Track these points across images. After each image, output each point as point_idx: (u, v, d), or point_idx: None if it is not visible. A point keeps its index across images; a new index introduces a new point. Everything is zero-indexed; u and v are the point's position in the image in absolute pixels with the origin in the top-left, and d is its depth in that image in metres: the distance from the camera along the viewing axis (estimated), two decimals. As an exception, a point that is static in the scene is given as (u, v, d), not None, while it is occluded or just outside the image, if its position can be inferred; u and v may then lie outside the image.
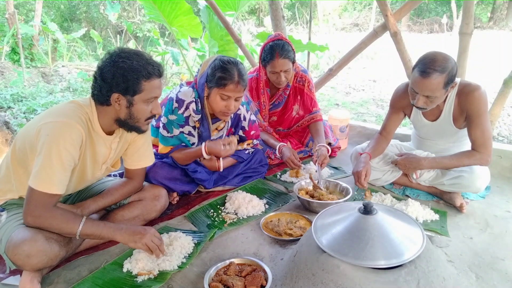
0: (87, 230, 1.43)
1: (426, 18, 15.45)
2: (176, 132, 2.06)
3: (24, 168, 1.50)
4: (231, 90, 1.90)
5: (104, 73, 1.44)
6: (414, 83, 1.81)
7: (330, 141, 2.80)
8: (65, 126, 1.40)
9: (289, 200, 2.16)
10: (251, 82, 2.62)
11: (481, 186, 1.98)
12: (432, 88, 1.75)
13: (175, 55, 6.31)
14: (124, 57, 1.44)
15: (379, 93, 5.96)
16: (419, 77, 1.77)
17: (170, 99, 2.06)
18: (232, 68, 1.89)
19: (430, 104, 1.85)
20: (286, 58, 2.31)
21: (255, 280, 1.37)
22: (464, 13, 2.85)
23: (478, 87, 1.86)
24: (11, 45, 7.48)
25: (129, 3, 12.65)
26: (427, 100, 1.82)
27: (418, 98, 1.82)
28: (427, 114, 2.09)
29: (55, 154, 1.37)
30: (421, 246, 1.21)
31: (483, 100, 1.85)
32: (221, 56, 2.00)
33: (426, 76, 1.74)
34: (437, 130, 2.10)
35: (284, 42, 2.33)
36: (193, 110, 2.04)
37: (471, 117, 1.89)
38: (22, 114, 4.50)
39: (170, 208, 2.06)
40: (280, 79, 2.39)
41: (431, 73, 1.72)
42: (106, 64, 1.45)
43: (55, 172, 1.38)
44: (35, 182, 1.36)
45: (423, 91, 1.78)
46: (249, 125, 2.32)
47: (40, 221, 1.39)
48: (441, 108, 2.01)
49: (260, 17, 15.33)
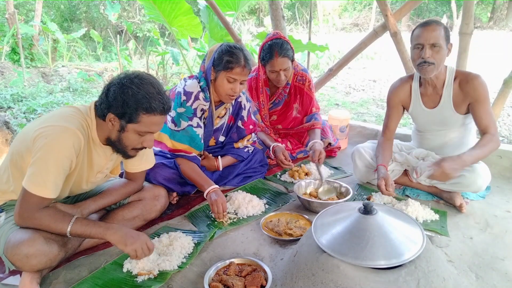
0: (77, 230, 1.40)
1: (426, 18, 15.42)
2: (185, 124, 2.06)
3: (20, 171, 1.49)
4: (237, 73, 1.95)
5: (109, 91, 1.43)
6: (418, 36, 1.91)
7: (330, 141, 2.80)
8: (65, 132, 1.39)
9: (289, 200, 2.16)
10: (250, 82, 2.62)
11: (482, 185, 1.98)
12: (435, 34, 1.85)
13: (175, 55, 6.31)
14: (135, 83, 1.41)
15: (379, 93, 5.95)
16: (421, 29, 1.89)
17: (178, 93, 2.07)
18: (238, 53, 1.96)
19: (437, 56, 1.88)
20: (285, 56, 2.32)
21: (255, 280, 1.37)
22: (464, 13, 2.85)
23: (478, 75, 1.96)
24: (11, 45, 7.48)
25: (129, 3, 12.66)
26: (433, 51, 1.88)
27: (425, 50, 1.88)
28: (426, 101, 2.10)
29: (52, 158, 1.36)
30: (421, 246, 1.21)
31: (485, 86, 1.94)
32: (227, 42, 2.06)
33: (428, 25, 1.88)
34: (437, 118, 2.10)
35: (283, 40, 2.33)
36: (203, 98, 2.06)
37: (478, 102, 1.93)
38: (22, 114, 4.50)
39: (170, 208, 2.06)
40: (280, 78, 2.39)
41: (431, 23, 1.89)
42: (115, 83, 1.43)
43: (50, 176, 1.36)
44: (29, 184, 1.35)
45: (428, 40, 1.86)
46: (248, 116, 2.33)
47: (29, 222, 1.38)
48: (440, 94, 2.03)
49: (260, 17, 15.32)
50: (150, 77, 1.47)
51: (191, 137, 2.07)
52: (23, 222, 1.39)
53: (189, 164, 2.08)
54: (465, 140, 2.13)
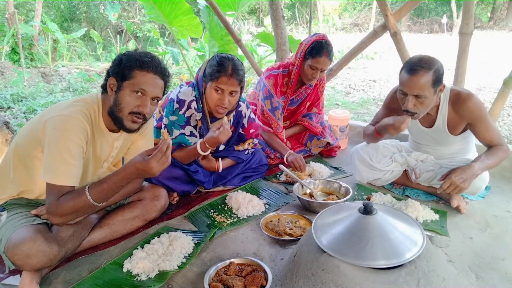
0: (96, 193, 1.42)
1: (426, 18, 15.46)
2: (177, 133, 2.06)
3: (24, 164, 1.51)
4: (223, 82, 1.93)
5: (112, 62, 1.54)
6: (402, 83, 1.81)
7: (328, 141, 2.80)
8: (71, 119, 1.42)
9: (289, 200, 2.16)
10: (277, 78, 2.59)
11: (481, 187, 1.98)
12: (421, 85, 1.74)
13: (175, 55, 6.31)
14: (133, 51, 1.53)
15: (379, 93, 5.95)
16: (406, 76, 1.78)
17: (171, 100, 2.06)
18: (226, 62, 1.94)
19: (420, 107, 1.82)
20: (330, 59, 2.43)
21: (255, 280, 1.37)
22: (464, 13, 2.85)
23: (471, 94, 1.87)
24: (11, 45, 7.47)
25: (129, 3, 12.65)
26: (417, 101, 1.80)
27: (408, 99, 1.80)
28: (422, 120, 2.06)
29: (63, 146, 1.39)
30: (421, 246, 1.21)
31: (480, 105, 1.87)
32: (222, 53, 2.04)
33: (413, 73, 1.75)
34: (434, 137, 2.09)
35: (331, 45, 2.44)
36: (195, 109, 2.05)
37: (476, 123, 1.88)
38: (22, 114, 4.50)
39: (170, 208, 2.06)
40: (316, 76, 2.46)
41: (418, 70, 1.74)
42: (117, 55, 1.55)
43: (66, 164, 1.39)
44: (49, 176, 1.39)
45: (412, 90, 1.77)
46: (248, 123, 2.32)
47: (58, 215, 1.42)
48: (434, 117, 2.00)
49: (260, 17, 15.33)
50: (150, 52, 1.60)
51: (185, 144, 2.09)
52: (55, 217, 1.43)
53: (181, 150, 2.10)
54: (465, 152, 2.11)
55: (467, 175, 1.76)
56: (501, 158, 1.87)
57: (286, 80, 2.59)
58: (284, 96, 2.63)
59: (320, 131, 2.79)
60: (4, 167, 1.57)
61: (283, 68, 2.59)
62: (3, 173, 1.57)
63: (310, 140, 2.81)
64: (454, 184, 1.76)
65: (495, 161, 1.85)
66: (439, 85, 1.80)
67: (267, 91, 2.58)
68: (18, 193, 1.57)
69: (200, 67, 2.09)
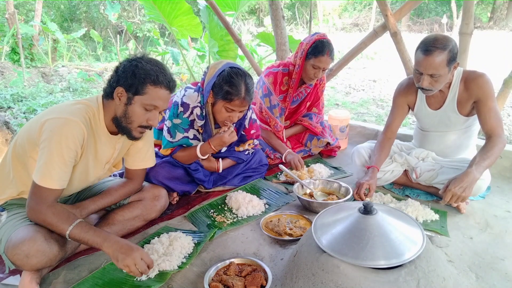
0: (76, 234, 1.38)
1: (426, 18, 15.45)
2: (180, 136, 2.06)
3: (22, 164, 1.51)
4: (236, 105, 1.91)
5: (120, 67, 1.51)
6: (418, 63, 1.84)
7: (328, 141, 2.80)
8: (67, 123, 1.41)
9: (289, 200, 2.16)
10: (276, 75, 2.59)
11: (482, 186, 1.97)
12: (436, 65, 1.78)
13: (175, 55, 6.31)
14: (144, 60, 1.49)
15: (379, 93, 5.95)
16: (422, 56, 1.81)
17: (175, 103, 2.05)
18: (239, 83, 1.87)
19: (435, 84, 1.86)
20: (331, 58, 2.44)
21: (255, 280, 1.37)
22: (464, 13, 2.85)
23: (483, 73, 1.92)
24: (11, 45, 7.48)
25: (129, 3, 12.66)
26: (432, 79, 1.84)
27: (423, 78, 1.84)
28: (431, 102, 2.09)
29: (56, 149, 1.38)
30: (421, 246, 1.21)
31: (490, 84, 1.90)
32: (230, 65, 1.95)
33: (429, 54, 1.78)
34: (441, 119, 2.09)
35: (332, 44, 2.45)
36: (197, 116, 2.04)
37: (482, 101, 1.90)
38: (22, 114, 4.50)
39: (170, 208, 2.06)
40: (318, 75, 2.47)
41: (433, 50, 1.77)
42: (125, 60, 1.51)
43: (55, 168, 1.39)
44: (37, 177, 1.38)
45: (427, 70, 1.80)
46: (249, 123, 2.31)
47: (37, 216, 1.40)
48: (445, 95, 2.02)
49: (260, 17, 15.33)
50: (157, 60, 1.56)
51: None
52: (33, 215, 1.40)
53: (182, 151, 2.11)
54: (466, 142, 2.13)
55: (466, 183, 1.76)
56: (497, 154, 1.88)
57: (285, 78, 2.59)
58: (282, 95, 2.62)
59: (320, 131, 2.79)
60: (4, 167, 1.57)
61: (283, 67, 2.59)
62: (3, 173, 1.57)
63: (310, 140, 2.81)
64: (456, 195, 1.77)
65: (492, 160, 1.86)
66: (454, 63, 1.84)
67: (266, 89, 2.58)
68: (18, 193, 1.56)
69: (205, 72, 2.03)
